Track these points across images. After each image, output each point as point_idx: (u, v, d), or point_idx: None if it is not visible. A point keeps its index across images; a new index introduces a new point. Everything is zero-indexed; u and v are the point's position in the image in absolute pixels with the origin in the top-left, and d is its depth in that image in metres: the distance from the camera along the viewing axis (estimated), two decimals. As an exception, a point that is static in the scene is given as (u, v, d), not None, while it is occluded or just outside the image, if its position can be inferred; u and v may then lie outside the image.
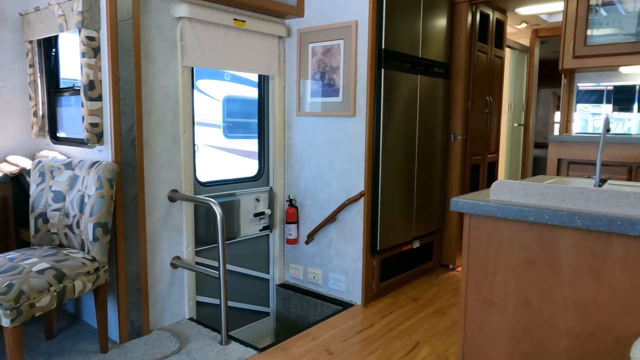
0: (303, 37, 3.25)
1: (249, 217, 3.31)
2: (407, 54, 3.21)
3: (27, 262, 2.11)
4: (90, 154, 2.62)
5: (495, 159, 4.41)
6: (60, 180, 2.47)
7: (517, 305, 1.35)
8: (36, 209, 2.48)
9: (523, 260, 1.33)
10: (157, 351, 2.47)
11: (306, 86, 3.28)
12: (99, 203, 2.31)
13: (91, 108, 2.41)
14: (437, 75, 3.55)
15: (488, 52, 4.02)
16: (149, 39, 2.58)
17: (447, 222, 3.89)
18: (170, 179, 2.75)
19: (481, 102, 4.01)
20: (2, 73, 2.86)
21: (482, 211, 1.35)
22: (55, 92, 2.93)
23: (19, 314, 1.93)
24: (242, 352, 2.49)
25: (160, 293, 2.75)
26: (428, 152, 3.55)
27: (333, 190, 3.22)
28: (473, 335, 1.44)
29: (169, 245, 2.77)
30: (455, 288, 3.51)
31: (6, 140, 2.90)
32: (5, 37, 2.85)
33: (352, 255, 3.17)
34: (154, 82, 2.62)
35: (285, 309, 3.52)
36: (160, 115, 2.67)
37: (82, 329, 2.73)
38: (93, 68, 2.39)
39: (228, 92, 4.07)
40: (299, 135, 3.37)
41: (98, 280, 2.31)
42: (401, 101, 3.20)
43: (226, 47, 2.98)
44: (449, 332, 2.79)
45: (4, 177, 2.62)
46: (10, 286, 1.93)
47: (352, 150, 3.09)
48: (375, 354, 2.53)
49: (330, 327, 2.84)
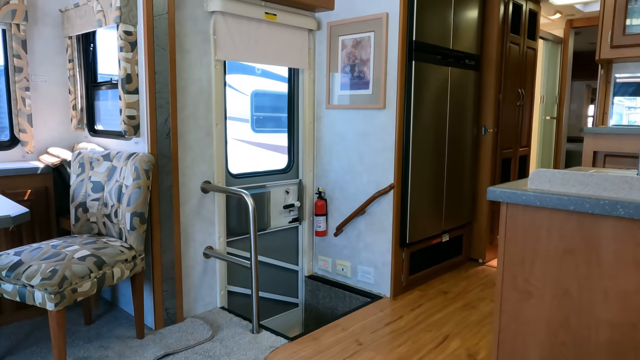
0: (333, 30, 3.26)
1: (278, 209, 3.35)
2: (438, 45, 3.18)
3: (69, 250, 2.19)
4: (126, 146, 2.70)
5: (526, 153, 4.33)
6: (99, 171, 2.55)
7: (555, 295, 1.34)
8: (76, 199, 2.57)
9: (562, 250, 1.31)
10: (191, 338, 2.54)
11: (336, 79, 3.29)
12: (135, 193, 2.38)
13: (128, 101, 2.48)
14: (468, 67, 3.51)
15: (520, 44, 3.95)
16: (184, 33, 2.63)
17: (477, 215, 3.84)
18: (203, 171, 2.80)
19: (513, 94, 3.94)
20: (43, 68, 2.96)
21: (520, 200, 1.34)
22: (93, 86, 3.02)
23: (62, 299, 2.01)
24: (272, 341, 2.53)
25: (193, 282, 2.82)
26: (458, 145, 3.51)
27: (362, 183, 3.22)
28: (508, 326, 1.43)
29: (202, 236, 2.83)
30: (485, 282, 3.47)
31: (47, 133, 3.01)
32: (46, 33, 2.95)
33: (381, 247, 3.17)
34: (188, 76, 2.67)
35: (313, 300, 3.56)
36: (194, 108, 2.73)
37: (118, 315, 2.82)
38: (130, 62, 2.46)
39: (256, 87, 4.12)
40: (328, 128, 3.39)
41: (135, 268, 2.38)
42: (431, 93, 3.18)
43: (257, 41, 3.01)
44: (479, 325, 2.77)
45: (46, 168, 2.72)
46: (54, 272, 2.01)
47: (382, 142, 3.09)
48: (405, 345, 2.53)
49: (359, 318, 2.86)
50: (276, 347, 2.48)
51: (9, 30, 2.76)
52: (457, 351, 2.47)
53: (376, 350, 2.48)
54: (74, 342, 2.47)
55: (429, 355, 2.43)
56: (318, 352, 2.45)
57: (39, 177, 2.70)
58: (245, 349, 2.44)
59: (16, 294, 2.03)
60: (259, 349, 2.45)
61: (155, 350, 2.39)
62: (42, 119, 2.99)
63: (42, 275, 1.99)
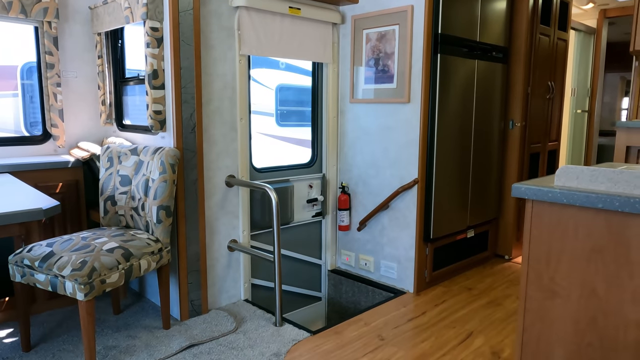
0: (357, 24, 3.24)
1: (302, 203, 3.36)
2: (465, 38, 3.12)
3: (98, 241, 2.26)
4: (153, 141, 2.75)
5: (556, 147, 4.22)
6: (126, 165, 2.61)
7: (582, 295, 1.30)
8: (105, 192, 2.63)
9: (589, 248, 1.28)
10: (215, 329, 2.58)
11: (360, 73, 3.27)
12: (162, 187, 2.43)
13: (155, 96, 2.53)
14: (495, 60, 3.43)
15: (551, 35, 3.84)
16: (209, 29, 2.66)
17: (504, 211, 3.78)
18: (228, 165, 2.84)
19: (542, 87, 3.84)
20: (74, 64, 3.04)
21: (546, 197, 1.31)
22: (121, 82, 3.08)
23: (92, 289, 2.07)
24: (295, 334, 2.55)
25: (217, 274, 2.86)
26: (484, 139, 3.45)
27: (386, 177, 3.20)
28: (533, 325, 1.41)
29: (226, 229, 2.87)
30: (511, 279, 3.42)
31: (78, 127, 3.10)
32: (77, 30, 3.03)
33: (404, 243, 3.15)
34: (212, 71, 2.70)
35: (336, 294, 3.57)
36: (219, 103, 2.75)
37: (146, 305, 2.89)
38: (157, 58, 2.50)
39: (281, 81, 4.13)
40: (352, 122, 3.37)
41: (161, 260, 2.43)
42: (457, 87, 3.12)
43: (282, 35, 3.02)
44: (504, 323, 2.73)
45: (77, 162, 2.80)
46: (84, 263, 2.07)
47: (406, 137, 3.06)
48: (428, 341, 2.52)
49: (382, 313, 2.85)
50: (298, 340, 2.50)
51: (41, 28, 2.84)
52: (481, 348, 2.45)
53: (398, 345, 2.47)
54: (103, 331, 2.55)
55: (453, 352, 2.41)
56: (340, 346, 2.46)
57: (70, 170, 2.78)
58: (268, 342, 2.47)
59: (48, 283, 2.10)
60: (281, 341, 2.47)
61: (180, 341, 2.44)
62: (73, 114, 3.07)
63: (73, 266, 2.05)
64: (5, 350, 2.33)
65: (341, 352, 2.39)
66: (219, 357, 2.31)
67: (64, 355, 2.31)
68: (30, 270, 2.14)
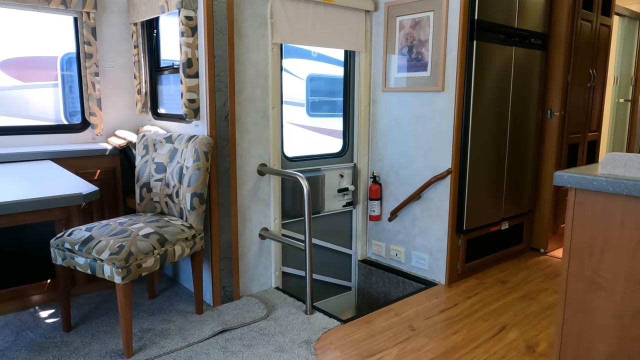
0: (391, 11, 3.18)
1: (332, 193, 3.35)
2: (502, 24, 3.03)
3: (134, 227, 2.31)
4: (187, 129, 2.79)
5: (596, 138, 4.07)
6: (161, 152, 2.66)
7: (628, 287, 1.25)
8: (141, 179, 2.69)
9: (637, 239, 1.22)
10: (247, 316, 2.62)
11: (393, 61, 3.22)
12: (195, 174, 2.46)
13: (189, 85, 2.56)
14: (533, 47, 3.32)
15: (593, 21, 3.68)
16: (242, 17, 2.66)
17: (540, 203, 3.67)
18: (260, 153, 2.85)
19: (583, 75, 3.69)
20: (111, 54, 3.11)
21: (591, 186, 1.26)
22: (156, 71, 3.13)
23: (129, 273, 2.12)
24: (326, 322, 2.56)
25: (249, 262, 2.89)
26: (521, 128, 3.35)
27: (418, 167, 3.16)
28: (574, 318, 1.36)
29: (258, 217, 2.90)
30: (546, 273, 3.33)
31: (115, 116, 3.17)
32: (114, 21, 3.09)
33: (436, 234, 3.11)
34: (245, 59, 2.71)
35: (366, 284, 3.56)
36: (251, 92, 2.77)
37: (179, 291, 2.95)
38: (191, 46, 2.52)
39: (312, 71, 4.11)
40: (384, 112, 3.33)
41: (195, 247, 2.47)
42: (493, 75, 3.04)
43: (314, 23, 3.00)
44: (539, 317, 2.67)
45: (114, 149, 2.87)
46: (121, 247, 2.13)
47: (440, 126, 3.00)
48: (460, 333, 2.48)
49: (413, 304, 2.83)
50: (329, 328, 2.50)
51: (80, 19, 2.91)
52: (515, 342, 2.40)
53: (430, 336, 2.45)
54: (138, 315, 2.62)
55: (485, 345, 2.36)
56: (371, 335, 2.45)
57: (108, 158, 2.86)
58: (298, 329, 2.48)
59: (87, 266, 2.17)
60: (312, 329, 2.48)
61: (213, 326, 2.48)
62: (110, 103, 3.15)
63: (111, 250, 2.11)
64: (48, 330, 2.43)
65: (372, 341, 2.39)
66: (251, 342, 2.34)
67: (102, 336, 2.39)
68: (70, 253, 2.21)
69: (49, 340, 2.33)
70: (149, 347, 2.28)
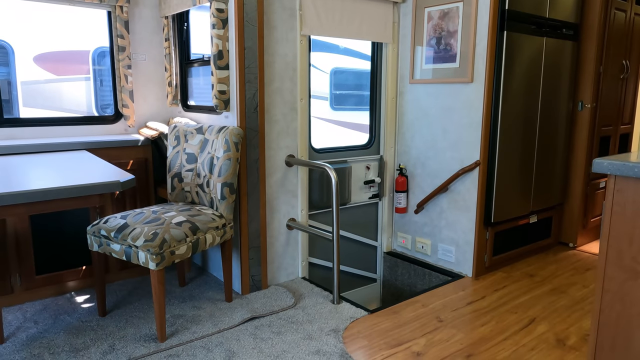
0: (419, 2, 3.17)
1: (359, 185, 3.37)
2: (533, 14, 2.98)
3: (167, 215, 2.37)
4: (217, 120, 2.83)
5: (629, 131, 3.98)
6: (192, 143, 2.71)
7: (668, 276, 1.24)
8: (172, 169, 2.75)
9: (678, 227, 1.21)
10: (275, 304, 2.66)
11: (420, 53, 3.20)
12: (226, 165, 2.50)
13: (220, 76, 2.60)
14: (565, 37, 3.26)
15: (627, 10, 3.59)
16: (271, 9, 2.69)
17: (570, 197, 3.61)
18: (288, 145, 2.88)
19: (616, 66, 3.61)
20: (143, 47, 3.17)
21: (632, 173, 1.24)
22: (187, 64, 3.19)
23: (162, 259, 2.18)
24: (353, 312, 2.58)
25: (276, 251, 2.93)
26: (551, 121, 3.30)
27: (445, 160, 3.14)
28: (612, 307, 1.35)
29: (286, 207, 2.93)
30: (576, 267, 3.28)
31: (146, 108, 3.24)
32: (146, 14, 3.15)
33: (463, 226, 3.09)
34: (274, 51, 2.74)
35: (392, 276, 3.56)
36: (280, 83, 2.79)
37: (208, 279, 3.01)
38: (222, 38, 2.56)
39: (336, 64, 4.11)
40: (411, 104, 3.32)
41: (225, 235, 2.52)
42: (523, 66, 3.00)
43: (342, 15, 3.00)
44: (569, 311, 2.64)
45: (146, 140, 2.94)
46: (156, 235, 2.19)
47: (468, 118, 2.98)
48: (488, 325, 2.47)
49: (439, 296, 2.82)
50: (356, 318, 2.53)
51: (113, 12, 2.98)
52: (544, 335, 2.38)
53: (457, 328, 2.44)
54: (170, 302, 2.69)
55: (514, 337, 2.35)
56: (398, 325, 2.46)
57: (140, 148, 2.93)
58: (326, 318, 2.51)
59: (123, 253, 2.24)
60: (339, 318, 2.51)
61: (242, 313, 2.53)
62: (142, 95, 3.21)
63: (145, 237, 2.17)
64: (84, 314, 2.51)
65: (399, 331, 2.40)
66: (279, 330, 2.38)
67: (136, 321, 2.45)
68: (106, 240, 2.28)
69: (86, 324, 2.41)
70: (181, 333, 2.34)
